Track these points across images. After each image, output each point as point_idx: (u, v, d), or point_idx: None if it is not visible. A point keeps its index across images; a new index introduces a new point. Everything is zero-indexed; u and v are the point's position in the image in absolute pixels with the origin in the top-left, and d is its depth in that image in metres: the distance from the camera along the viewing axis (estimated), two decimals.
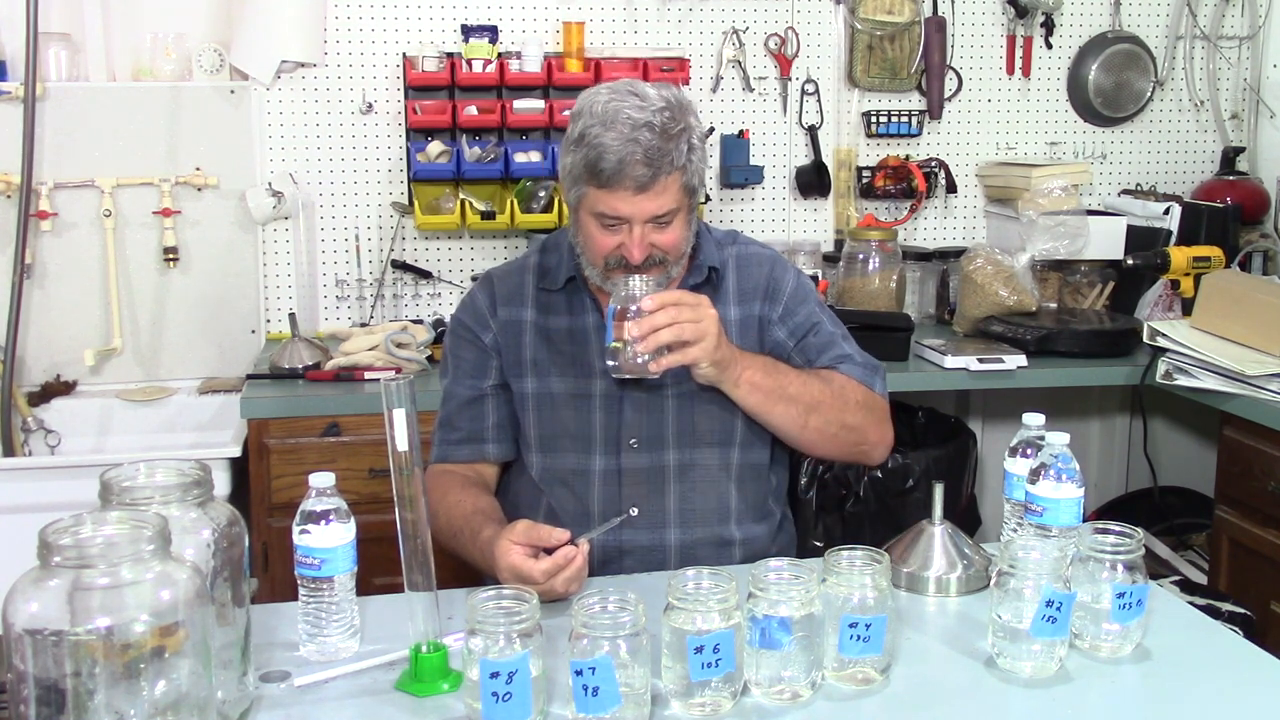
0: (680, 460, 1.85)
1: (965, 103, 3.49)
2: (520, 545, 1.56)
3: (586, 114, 1.73)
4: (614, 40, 3.25)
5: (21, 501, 2.46)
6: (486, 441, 1.90)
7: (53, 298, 3.01)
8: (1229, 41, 3.58)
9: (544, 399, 1.87)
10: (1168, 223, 3.27)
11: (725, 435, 1.86)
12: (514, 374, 1.89)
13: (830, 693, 1.36)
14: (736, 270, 1.92)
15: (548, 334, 1.88)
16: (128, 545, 1.11)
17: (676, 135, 1.71)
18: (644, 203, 1.71)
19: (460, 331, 1.93)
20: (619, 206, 1.71)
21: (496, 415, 1.90)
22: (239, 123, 3.05)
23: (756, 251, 1.95)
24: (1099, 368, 2.90)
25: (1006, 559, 1.42)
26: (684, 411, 1.85)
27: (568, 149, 1.76)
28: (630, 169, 1.68)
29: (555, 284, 1.88)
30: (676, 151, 1.71)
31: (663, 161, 1.69)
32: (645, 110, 1.70)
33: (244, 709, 1.31)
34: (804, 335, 1.90)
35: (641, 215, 1.72)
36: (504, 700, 1.22)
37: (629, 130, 1.68)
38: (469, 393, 1.90)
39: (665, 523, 1.84)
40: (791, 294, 1.91)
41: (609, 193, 1.71)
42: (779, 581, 1.34)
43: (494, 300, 1.91)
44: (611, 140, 1.68)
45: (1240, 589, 2.58)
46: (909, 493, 2.71)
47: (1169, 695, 1.38)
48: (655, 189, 1.70)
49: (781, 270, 1.94)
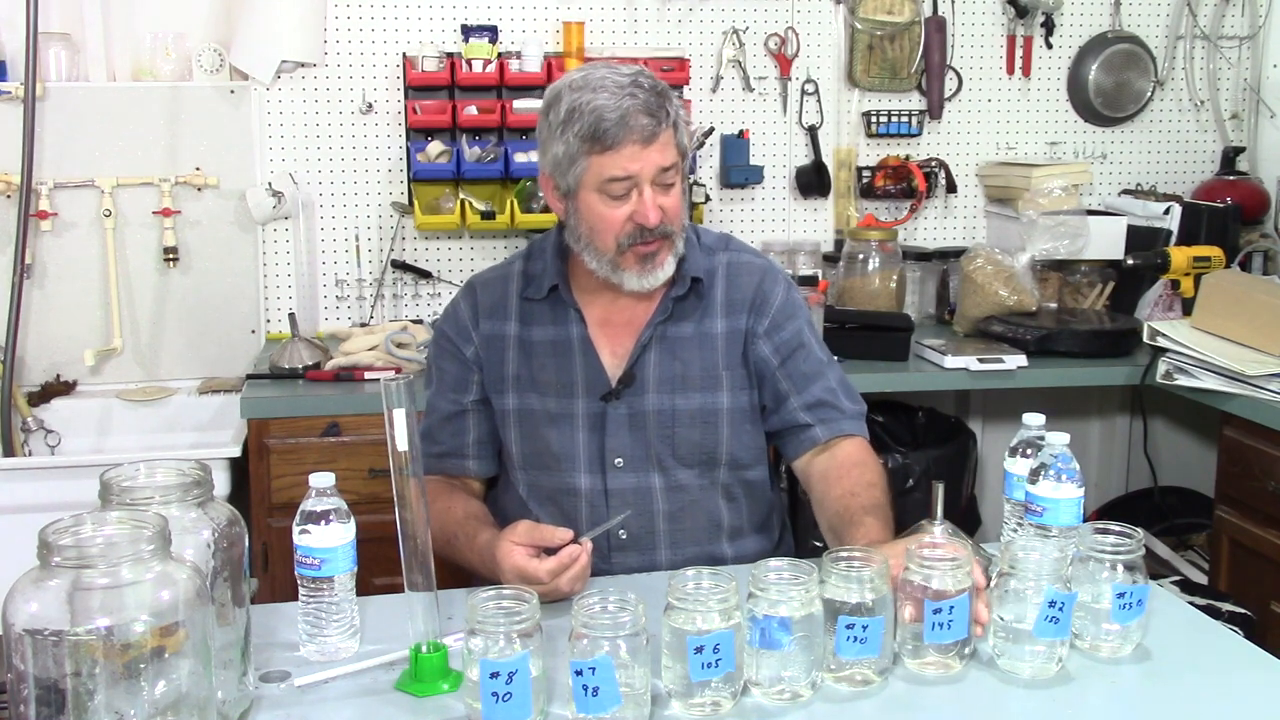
0: (666, 482, 1.82)
1: (965, 103, 3.49)
2: (523, 546, 1.56)
3: (566, 93, 1.69)
4: (614, 40, 3.25)
5: (21, 501, 2.47)
6: (467, 458, 1.87)
7: (53, 298, 3.01)
8: (1229, 41, 3.58)
9: (526, 415, 1.83)
10: (1168, 223, 3.27)
11: (709, 457, 1.83)
12: (495, 390, 1.85)
13: (830, 693, 1.36)
14: (726, 279, 1.86)
15: (530, 347, 1.84)
16: (128, 545, 1.11)
17: (663, 93, 1.70)
18: (652, 155, 1.67)
19: (442, 342, 1.90)
20: (628, 165, 1.66)
21: (477, 431, 1.87)
22: (239, 123, 3.05)
23: (748, 261, 1.90)
24: (1099, 368, 2.90)
25: (1007, 560, 1.42)
26: (664, 432, 1.81)
27: (554, 136, 1.70)
28: (633, 119, 1.65)
29: (539, 293, 1.83)
30: (670, 107, 1.69)
31: (660, 112, 1.67)
32: (624, 74, 1.69)
33: (244, 709, 1.31)
34: (789, 355, 1.85)
35: (650, 170, 1.68)
36: (504, 700, 1.22)
37: (619, 89, 1.66)
38: (450, 408, 1.87)
39: (655, 544, 1.82)
40: (779, 308, 1.85)
41: (615, 153, 1.66)
42: (779, 582, 1.34)
43: (476, 312, 1.87)
44: (606, 99, 1.65)
45: (1240, 589, 2.58)
46: (909, 493, 2.71)
47: (1169, 695, 1.38)
48: (660, 140, 1.67)
49: (772, 283, 1.88)
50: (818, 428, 1.84)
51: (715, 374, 1.83)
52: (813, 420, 1.84)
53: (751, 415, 1.86)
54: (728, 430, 1.83)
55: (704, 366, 1.82)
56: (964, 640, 1.40)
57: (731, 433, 1.83)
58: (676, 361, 1.82)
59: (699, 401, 1.81)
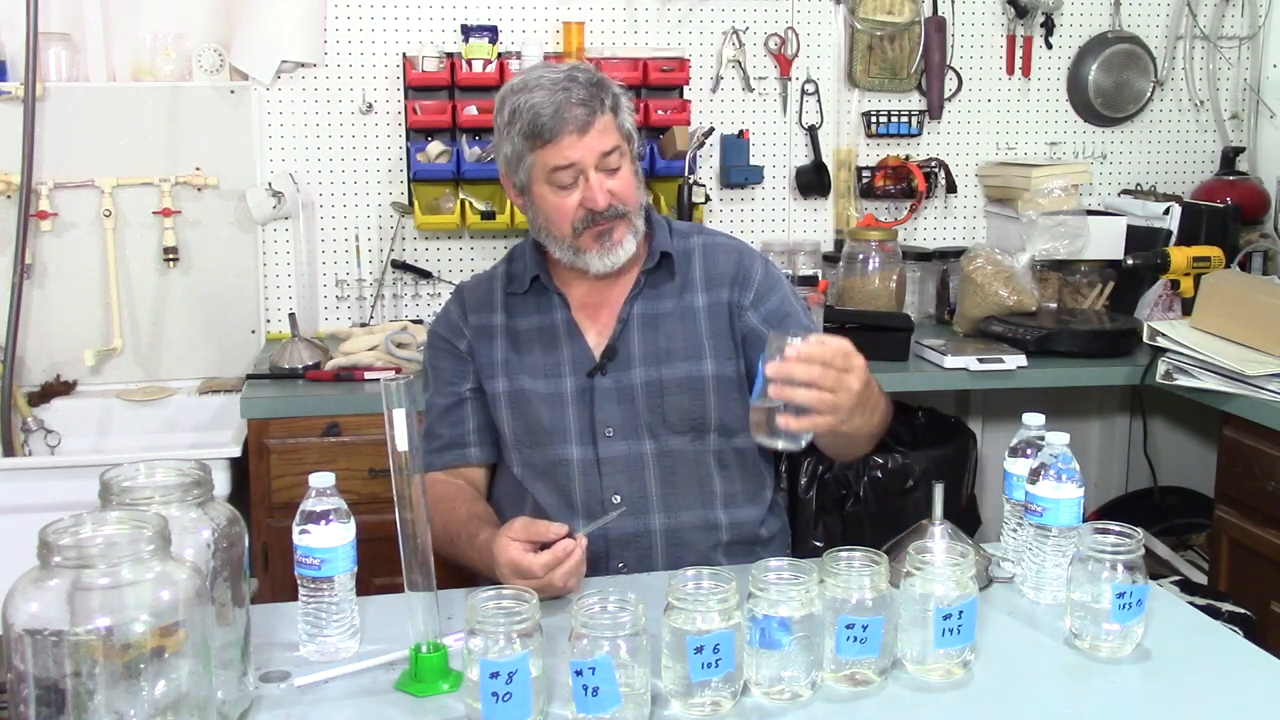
0: (657, 448, 1.86)
1: (965, 103, 3.49)
2: (518, 541, 1.57)
3: (509, 96, 1.80)
4: (614, 40, 3.25)
5: (21, 501, 2.46)
6: (469, 445, 1.91)
7: (53, 298, 3.01)
8: (1229, 41, 3.58)
9: (516, 396, 1.89)
10: (1168, 223, 3.27)
11: (698, 424, 1.87)
12: (487, 375, 1.91)
13: (830, 693, 1.36)
14: (704, 257, 1.94)
15: (517, 335, 1.91)
16: (128, 545, 1.12)
17: (598, 84, 1.79)
18: (590, 141, 1.76)
19: (436, 343, 1.98)
20: (569, 154, 1.76)
21: (476, 419, 1.92)
22: (239, 123, 3.05)
23: (724, 241, 1.99)
24: (1099, 368, 2.90)
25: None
26: (653, 401, 1.86)
27: (503, 138, 1.82)
28: (567, 111, 1.74)
29: (522, 286, 1.92)
30: (605, 96, 1.79)
31: (594, 101, 1.76)
32: (559, 72, 1.80)
33: (244, 709, 1.31)
34: (779, 322, 1.91)
35: (591, 156, 1.77)
36: (504, 700, 1.22)
37: (553, 86, 1.76)
38: (448, 400, 1.93)
39: (648, 508, 1.85)
40: (762, 280, 1.93)
41: (555, 145, 1.76)
42: (779, 581, 1.34)
43: (465, 309, 1.96)
44: (541, 97, 1.75)
45: (1240, 589, 2.58)
46: (909, 493, 2.71)
47: (1169, 695, 1.38)
48: (596, 127, 1.76)
49: (750, 259, 1.96)
50: None
51: (699, 343, 1.89)
52: None
53: (739, 384, 1.90)
54: (715, 397, 1.88)
55: (687, 338, 1.89)
56: (969, 645, 1.40)
57: (719, 400, 1.88)
58: (660, 335, 1.89)
59: (685, 370, 1.87)
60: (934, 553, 1.43)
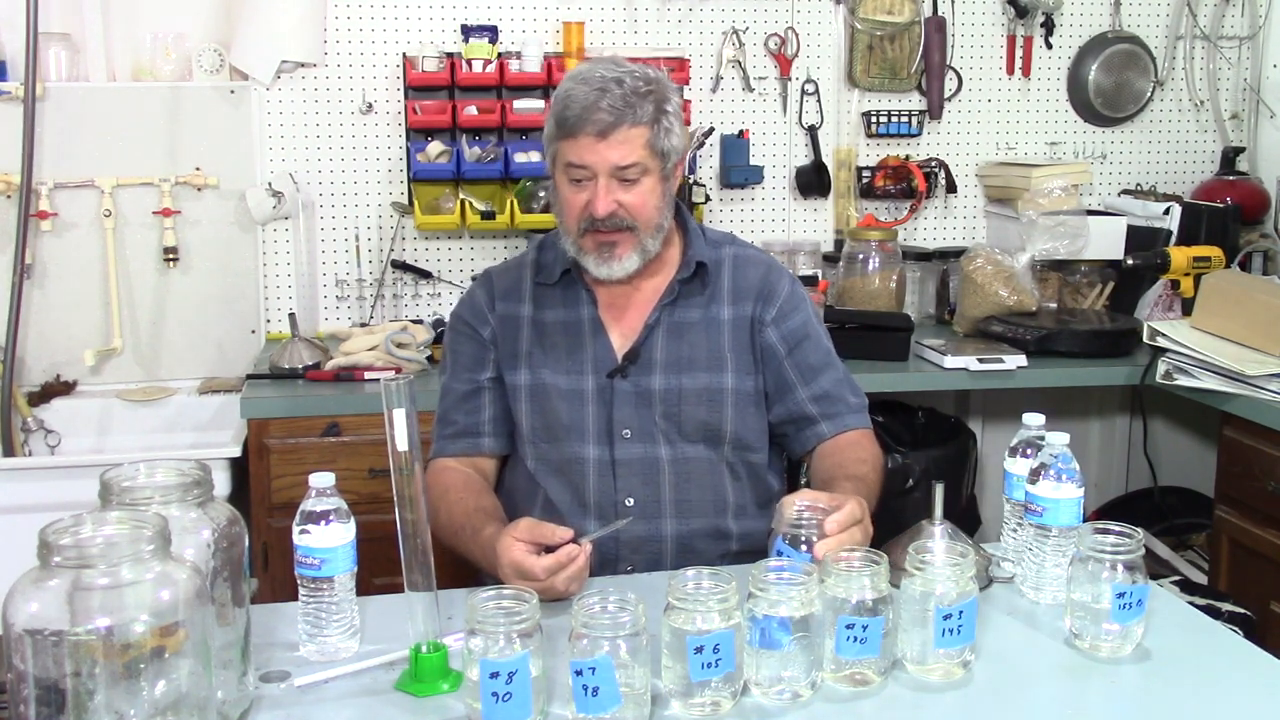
0: (673, 454, 1.86)
1: (965, 103, 3.49)
2: (523, 542, 1.56)
3: (566, 79, 1.80)
4: (614, 40, 3.24)
5: (21, 501, 2.46)
6: (482, 435, 1.91)
7: (53, 298, 3.01)
8: (1229, 41, 3.58)
9: (537, 390, 1.88)
10: (1168, 223, 3.27)
11: (713, 434, 1.87)
12: (509, 366, 1.90)
13: (830, 693, 1.36)
14: (732, 269, 1.93)
15: (543, 328, 1.90)
16: (128, 545, 1.12)
17: (644, 94, 1.75)
18: (606, 150, 1.73)
19: (459, 327, 1.96)
20: (583, 155, 1.74)
21: (493, 409, 1.91)
22: (239, 123, 3.05)
23: (753, 255, 1.98)
24: (1099, 368, 2.90)
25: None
26: (670, 409, 1.86)
27: (549, 115, 1.81)
28: (591, 114, 1.72)
29: (551, 278, 1.90)
30: (642, 108, 1.74)
31: (625, 111, 1.73)
32: (618, 71, 1.76)
33: (244, 709, 1.31)
34: (797, 345, 1.91)
35: (604, 164, 1.74)
36: (504, 700, 1.22)
37: (598, 83, 1.74)
38: (465, 387, 1.92)
39: (661, 513, 1.85)
40: (786, 298, 1.92)
41: (574, 141, 1.74)
42: (779, 582, 1.34)
43: (492, 296, 1.94)
44: (580, 91, 1.74)
45: (1240, 589, 2.58)
46: (909, 493, 2.71)
47: (1169, 695, 1.38)
48: (616, 137, 1.73)
49: (777, 275, 1.96)
50: (823, 424, 1.90)
51: (721, 356, 1.88)
52: (818, 414, 1.90)
53: (755, 399, 1.90)
54: (732, 411, 1.87)
55: (710, 349, 1.88)
56: (969, 645, 1.40)
57: (736, 413, 1.88)
58: (683, 344, 1.88)
59: (705, 381, 1.87)
60: (934, 553, 1.43)
